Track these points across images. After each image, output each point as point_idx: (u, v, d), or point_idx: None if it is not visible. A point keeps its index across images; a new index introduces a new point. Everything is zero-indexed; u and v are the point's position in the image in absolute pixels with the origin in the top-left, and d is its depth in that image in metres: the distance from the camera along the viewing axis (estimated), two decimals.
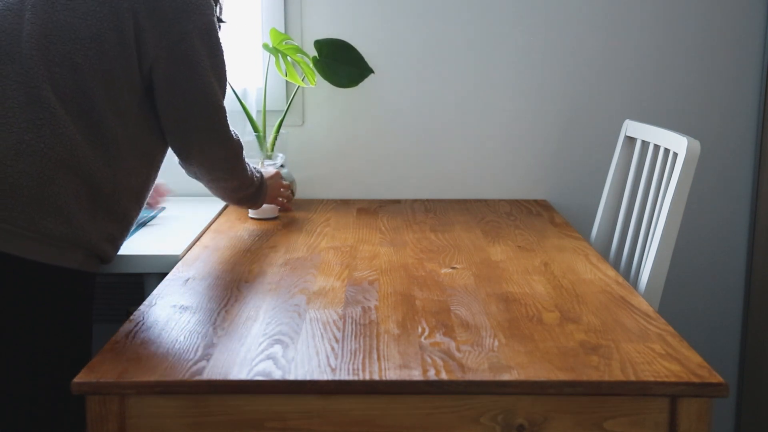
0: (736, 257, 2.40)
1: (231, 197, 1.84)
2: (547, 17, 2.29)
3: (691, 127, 2.33)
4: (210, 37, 1.59)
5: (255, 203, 1.91)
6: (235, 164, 1.74)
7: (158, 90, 1.56)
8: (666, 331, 1.32)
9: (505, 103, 2.33)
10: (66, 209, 1.43)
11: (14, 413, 1.45)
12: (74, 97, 1.46)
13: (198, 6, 1.57)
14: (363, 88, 2.28)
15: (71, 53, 1.46)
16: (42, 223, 1.40)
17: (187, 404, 1.16)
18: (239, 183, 1.78)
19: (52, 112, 1.43)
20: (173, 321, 1.36)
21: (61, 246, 1.43)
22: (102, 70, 1.48)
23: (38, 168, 1.41)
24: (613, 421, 1.16)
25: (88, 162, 1.46)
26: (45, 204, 1.41)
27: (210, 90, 1.60)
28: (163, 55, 1.53)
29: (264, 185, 1.89)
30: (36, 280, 1.42)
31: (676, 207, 1.71)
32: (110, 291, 2.18)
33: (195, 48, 1.56)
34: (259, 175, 1.87)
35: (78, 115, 1.46)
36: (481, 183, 2.37)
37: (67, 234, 1.43)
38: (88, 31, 1.47)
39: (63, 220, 1.42)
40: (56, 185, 1.42)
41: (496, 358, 1.21)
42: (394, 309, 1.42)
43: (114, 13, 1.49)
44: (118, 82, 1.50)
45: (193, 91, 1.58)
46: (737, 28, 2.29)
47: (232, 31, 2.28)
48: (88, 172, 1.46)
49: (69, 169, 1.44)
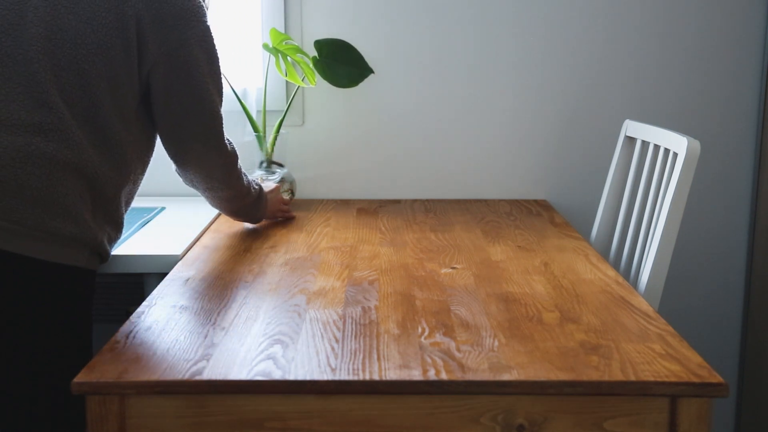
0: (736, 257, 2.40)
1: (228, 208, 1.83)
2: (547, 17, 2.29)
3: (691, 127, 2.33)
4: (208, 44, 1.61)
5: (253, 216, 1.90)
6: (231, 172, 1.73)
7: (156, 95, 1.57)
8: (666, 331, 1.32)
9: (505, 103, 2.33)
10: (73, 210, 1.44)
11: (14, 413, 1.45)
12: (80, 102, 1.47)
13: (196, 13, 1.58)
14: (363, 88, 2.28)
15: (78, 59, 1.47)
16: (51, 223, 1.41)
17: (187, 404, 1.16)
18: (235, 193, 1.78)
19: (59, 117, 1.44)
20: (173, 321, 1.36)
21: (68, 245, 1.44)
22: (108, 76, 1.49)
23: (46, 170, 1.41)
24: (613, 421, 1.16)
25: (93, 165, 1.47)
26: (54, 205, 1.42)
27: (207, 96, 1.61)
28: (162, 60, 1.54)
29: (263, 199, 1.88)
30: (38, 278, 1.43)
31: (676, 207, 1.71)
32: (110, 291, 2.18)
33: (193, 54, 1.57)
34: (258, 187, 1.86)
35: (84, 119, 1.47)
36: (481, 183, 2.37)
37: (75, 233, 1.44)
38: (94, 37, 1.48)
39: (71, 220, 1.43)
40: (64, 187, 1.43)
41: (496, 358, 1.21)
42: (394, 309, 1.42)
43: (119, 20, 1.50)
44: (122, 88, 1.52)
45: (190, 96, 1.58)
46: (737, 28, 2.29)
47: (232, 31, 2.28)
48: (93, 176, 1.47)
49: (76, 172, 1.45)
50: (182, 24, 1.56)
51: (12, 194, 1.39)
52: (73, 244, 1.45)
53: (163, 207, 2.15)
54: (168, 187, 2.28)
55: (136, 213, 2.07)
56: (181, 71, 1.56)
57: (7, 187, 1.38)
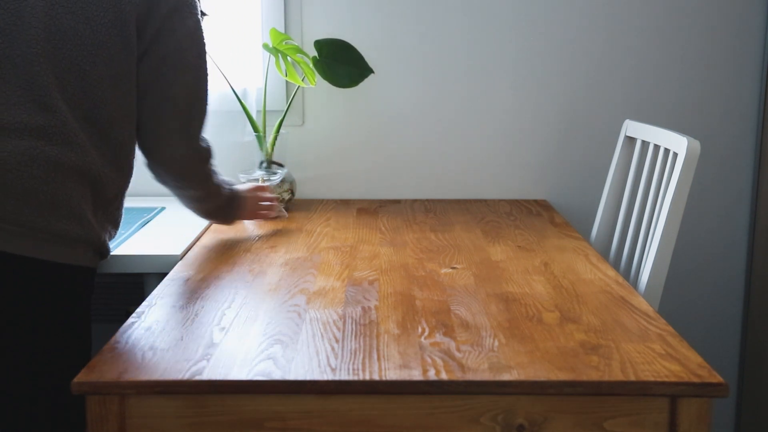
0: (736, 257, 2.40)
1: (199, 208, 1.78)
2: (547, 17, 2.29)
3: (691, 127, 2.33)
4: (198, 38, 1.61)
5: (226, 218, 1.85)
6: (201, 169, 1.69)
7: (141, 84, 1.56)
8: (666, 331, 1.32)
9: (505, 103, 2.33)
10: (78, 211, 1.44)
11: (14, 413, 1.45)
12: (82, 104, 1.46)
13: (188, 6, 1.59)
14: (363, 88, 2.28)
15: (78, 60, 1.46)
16: (57, 225, 1.41)
17: (187, 404, 1.16)
18: (205, 193, 1.73)
19: (62, 119, 1.43)
20: (173, 321, 1.36)
21: (74, 245, 1.44)
22: (109, 75, 1.49)
23: (51, 173, 1.41)
24: (613, 421, 1.16)
25: (97, 167, 1.47)
26: (59, 207, 1.42)
27: (192, 88, 1.60)
28: (152, 50, 1.54)
29: (236, 200, 1.81)
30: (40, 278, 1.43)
31: (676, 207, 1.71)
32: (110, 291, 2.18)
33: (183, 46, 1.57)
34: (230, 188, 1.79)
35: (86, 121, 1.47)
36: (481, 183, 2.37)
37: (80, 234, 1.44)
38: (93, 37, 1.47)
39: (76, 221, 1.44)
40: (69, 189, 1.43)
41: (496, 358, 1.21)
42: (394, 309, 1.42)
43: (118, 18, 1.49)
44: (123, 87, 1.51)
45: (175, 87, 1.58)
46: (737, 28, 2.29)
47: (232, 31, 2.28)
48: (96, 177, 1.47)
49: (80, 175, 1.45)
50: (176, 16, 1.56)
51: (18, 197, 1.39)
52: (79, 244, 1.45)
53: (163, 207, 2.15)
54: None
55: (136, 213, 2.07)
56: (168, 60, 1.56)
57: (12, 191, 1.38)
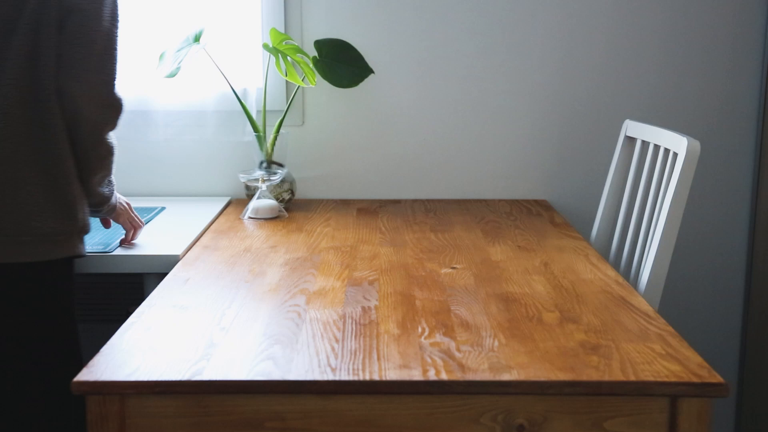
0: (736, 257, 2.40)
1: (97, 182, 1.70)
2: (547, 18, 2.29)
3: (691, 127, 2.33)
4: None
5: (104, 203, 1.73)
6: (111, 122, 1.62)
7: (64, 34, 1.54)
8: (666, 331, 1.32)
9: (505, 103, 2.33)
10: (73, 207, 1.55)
11: (14, 413, 1.45)
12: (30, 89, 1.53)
13: None
14: (363, 88, 2.28)
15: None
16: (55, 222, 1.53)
17: (187, 404, 1.16)
18: (105, 174, 1.67)
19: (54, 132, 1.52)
20: (173, 321, 1.36)
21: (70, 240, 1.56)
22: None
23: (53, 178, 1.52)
24: (613, 421, 1.16)
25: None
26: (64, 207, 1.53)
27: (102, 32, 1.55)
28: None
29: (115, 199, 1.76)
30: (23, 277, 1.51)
31: (676, 207, 1.71)
32: (110, 291, 2.18)
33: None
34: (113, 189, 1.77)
35: (34, 109, 1.53)
36: (481, 183, 2.37)
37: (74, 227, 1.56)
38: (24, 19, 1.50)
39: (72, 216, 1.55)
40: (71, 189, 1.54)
41: (496, 358, 1.21)
42: (394, 309, 1.42)
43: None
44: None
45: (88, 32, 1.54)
46: (737, 28, 2.29)
47: (232, 31, 2.28)
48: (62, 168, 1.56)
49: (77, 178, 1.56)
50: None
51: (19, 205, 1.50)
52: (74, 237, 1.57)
53: (163, 207, 2.15)
54: (168, 187, 2.28)
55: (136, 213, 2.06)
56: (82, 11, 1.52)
57: None
